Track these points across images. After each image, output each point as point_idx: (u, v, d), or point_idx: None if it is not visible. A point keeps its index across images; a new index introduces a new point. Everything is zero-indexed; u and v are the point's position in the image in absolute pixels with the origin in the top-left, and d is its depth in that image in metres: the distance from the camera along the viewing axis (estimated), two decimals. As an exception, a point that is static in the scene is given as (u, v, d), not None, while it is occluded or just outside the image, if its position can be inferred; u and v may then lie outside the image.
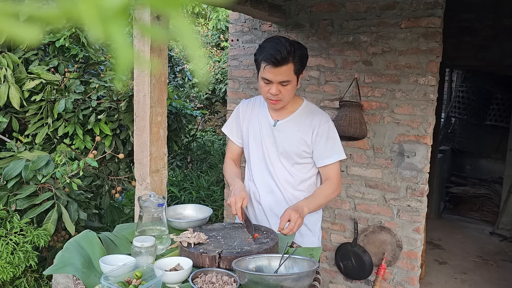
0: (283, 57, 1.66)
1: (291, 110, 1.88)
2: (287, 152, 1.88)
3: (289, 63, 1.68)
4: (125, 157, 2.81)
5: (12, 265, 1.97)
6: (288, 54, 1.66)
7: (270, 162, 1.91)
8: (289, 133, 1.87)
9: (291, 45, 1.69)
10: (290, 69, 1.70)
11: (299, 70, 1.73)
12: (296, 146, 1.86)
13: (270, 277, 1.27)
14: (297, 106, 1.89)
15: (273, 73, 1.69)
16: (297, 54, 1.70)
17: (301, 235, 1.91)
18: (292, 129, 1.86)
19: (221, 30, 7.05)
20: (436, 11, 2.68)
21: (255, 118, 1.94)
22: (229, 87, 3.62)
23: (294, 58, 1.69)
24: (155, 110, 2.12)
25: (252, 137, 1.94)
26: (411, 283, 2.97)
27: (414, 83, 2.80)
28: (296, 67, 1.71)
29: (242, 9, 2.83)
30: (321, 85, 3.15)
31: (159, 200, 1.61)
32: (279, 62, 1.66)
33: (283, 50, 1.65)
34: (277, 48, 1.66)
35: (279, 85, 1.72)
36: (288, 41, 1.70)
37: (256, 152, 1.94)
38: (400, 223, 2.94)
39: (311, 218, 1.95)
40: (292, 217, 1.64)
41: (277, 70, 1.68)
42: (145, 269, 1.34)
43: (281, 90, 1.73)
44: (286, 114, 1.88)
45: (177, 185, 4.99)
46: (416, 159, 2.84)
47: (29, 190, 2.12)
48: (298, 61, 1.71)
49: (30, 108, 2.54)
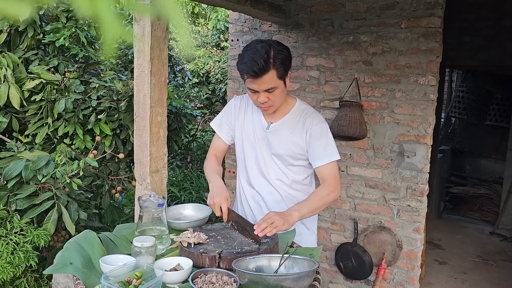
0: (261, 67, 1.61)
1: (284, 111, 1.86)
2: (281, 155, 1.87)
3: (270, 71, 1.63)
4: (125, 157, 2.81)
5: (12, 265, 1.97)
6: (266, 63, 1.61)
7: (264, 163, 1.90)
8: (282, 136, 1.85)
9: (268, 52, 1.62)
10: (272, 76, 1.65)
11: (283, 74, 1.68)
12: (290, 149, 1.84)
13: (270, 277, 1.27)
14: (290, 108, 1.87)
15: (256, 83, 1.66)
16: (278, 59, 1.64)
17: (300, 233, 1.90)
18: (285, 131, 1.85)
19: (221, 30, 7.05)
20: (436, 11, 2.68)
21: (248, 119, 1.92)
22: (229, 87, 3.62)
23: (275, 64, 1.64)
24: (155, 110, 2.12)
25: (246, 138, 1.93)
26: (411, 283, 2.97)
27: (414, 83, 2.80)
28: (279, 72, 1.66)
29: (242, 9, 2.83)
30: (321, 85, 3.15)
31: (159, 200, 1.61)
32: (257, 74, 1.62)
33: (260, 60, 1.60)
34: (254, 59, 1.61)
35: (265, 92, 1.69)
36: (266, 47, 1.64)
37: (250, 154, 1.93)
38: (400, 223, 2.94)
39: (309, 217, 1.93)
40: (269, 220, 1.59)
41: (259, 80, 1.65)
42: (145, 269, 1.34)
43: (269, 97, 1.70)
44: (279, 116, 1.86)
45: (177, 185, 4.99)
46: (416, 159, 2.84)
47: (29, 190, 2.12)
48: (280, 66, 1.66)
49: (30, 108, 2.54)
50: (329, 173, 1.81)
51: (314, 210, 1.79)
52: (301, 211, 1.70)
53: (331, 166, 1.82)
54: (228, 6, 2.69)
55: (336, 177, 1.83)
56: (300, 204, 1.75)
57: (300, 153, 1.85)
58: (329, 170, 1.82)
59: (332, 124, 2.85)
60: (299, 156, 1.86)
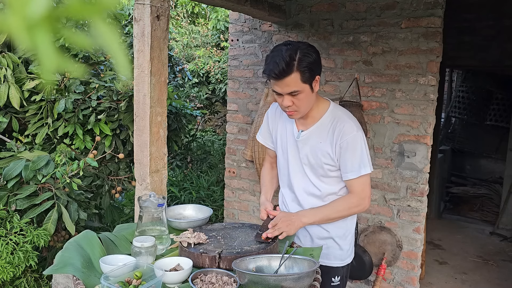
0: (282, 70, 1.55)
1: (316, 117, 1.75)
2: (312, 165, 1.76)
3: (293, 73, 1.56)
4: (125, 157, 2.81)
5: (12, 265, 1.97)
6: (288, 66, 1.55)
7: (293, 173, 1.83)
8: (312, 146, 1.75)
9: (292, 55, 1.56)
10: (296, 79, 1.57)
11: (308, 78, 1.59)
12: (320, 160, 1.73)
13: (270, 278, 1.27)
14: (323, 113, 1.74)
15: (278, 85, 1.61)
16: (303, 61, 1.57)
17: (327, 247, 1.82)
18: (315, 141, 1.74)
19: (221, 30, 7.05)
20: (436, 11, 2.68)
21: (282, 127, 1.86)
22: (229, 87, 3.62)
23: (299, 67, 1.56)
24: (155, 110, 2.12)
25: (279, 146, 1.88)
26: (411, 283, 2.97)
27: (414, 83, 2.80)
28: (304, 75, 1.58)
29: (242, 9, 2.83)
30: (321, 85, 3.15)
31: (159, 200, 1.61)
32: (278, 76, 1.57)
33: (281, 63, 1.55)
34: (275, 61, 1.56)
35: (289, 96, 1.61)
36: (291, 50, 1.58)
37: (282, 162, 1.88)
38: (400, 223, 2.94)
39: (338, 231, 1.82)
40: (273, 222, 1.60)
41: (281, 83, 1.59)
42: (145, 269, 1.34)
43: (293, 101, 1.62)
44: (311, 123, 1.76)
45: (177, 185, 4.99)
46: (416, 159, 2.84)
47: (29, 190, 2.12)
48: (306, 69, 1.57)
49: (30, 108, 2.54)
50: (357, 186, 1.71)
51: (327, 220, 1.73)
52: (310, 218, 1.68)
53: (361, 179, 1.70)
54: (228, 6, 2.69)
55: (365, 191, 1.72)
56: (313, 210, 1.72)
57: (330, 164, 1.73)
58: (357, 184, 1.71)
59: (332, 124, 2.85)
60: (330, 168, 1.74)
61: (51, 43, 0.35)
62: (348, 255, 1.87)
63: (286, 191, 1.91)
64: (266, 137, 1.96)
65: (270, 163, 2.02)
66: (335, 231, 1.80)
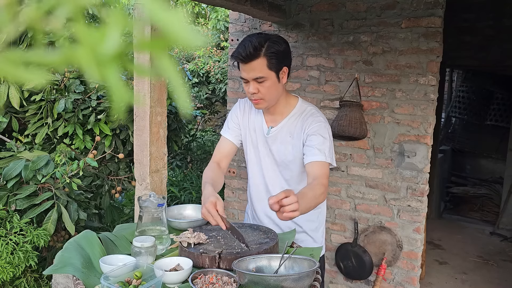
0: (248, 53, 1.57)
1: (285, 112, 1.76)
2: (286, 164, 1.75)
3: (259, 58, 1.58)
4: (125, 157, 2.81)
5: (12, 265, 1.97)
6: (255, 49, 1.57)
7: (265, 169, 1.81)
8: (283, 142, 1.74)
9: (261, 41, 1.59)
10: (262, 64, 1.59)
11: (275, 65, 1.61)
12: (293, 155, 1.72)
13: (270, 278, 1.27)
14: (291, 108, 1.76)
15: (245, 70, 1.62)
16: (271, 48, 1.59)
17: (301, 241, 1.82)
18: (285, 136, 1.74)
19: (221, 30, 7.05)
20: (437, 11, 2.68)
21: (251, 123, 1.84)
22: (229, 87, 3.62)
23: (266, 53, 1.58)
24: (155, 110, 2.12)
25: (249, 142, 1.85)
26: (411, 283, 2.97)
27: (414, 83, 2.80)
28: (270, 62, 1.59)
29: (242, 9, 2.83)
30: (321, 85, 3.15)
31: (159, 200, 1.61)
32: (245, 59, 1.59)
33: (249, 47, 1.57)
34: (244, 44, 1.60)
35: (255, 82, 1.62)
36: (261, 37, 1.61)
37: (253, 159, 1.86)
38: (400, 223, 2.94)
39: (310, 225, 1.83)
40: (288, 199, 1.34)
41: (247, 67, 1.61)
42: (145, 269, 1.34)
43: (259, 88, 1.63)
44: (279, 119, 1.76)
45: (177, 185, 4.99)
46: (416, 159, 2.84)
47: (29, 190, 2.12)
48: (272, 56, 1.59)
49: (30, 108, 2.54)
50: (323, 172, 1.60)
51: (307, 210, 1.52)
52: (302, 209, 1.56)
53: (325, 166, 1.62)
54: (228, 6, 2.69)
55: (327, 178, 1.62)
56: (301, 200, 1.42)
57: (301, 158, 1.71)
58: (322, 168, 1.61)
59: (332, 124, 2.85)
60: (302, 162, 1.70)
61: (120, 78, 0.36)
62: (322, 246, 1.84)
63: (259, 188, 1.86)
64: (229, 127, 1.88)
65: (218, 162, 1.84)
66: (307, 225, 1.81)
